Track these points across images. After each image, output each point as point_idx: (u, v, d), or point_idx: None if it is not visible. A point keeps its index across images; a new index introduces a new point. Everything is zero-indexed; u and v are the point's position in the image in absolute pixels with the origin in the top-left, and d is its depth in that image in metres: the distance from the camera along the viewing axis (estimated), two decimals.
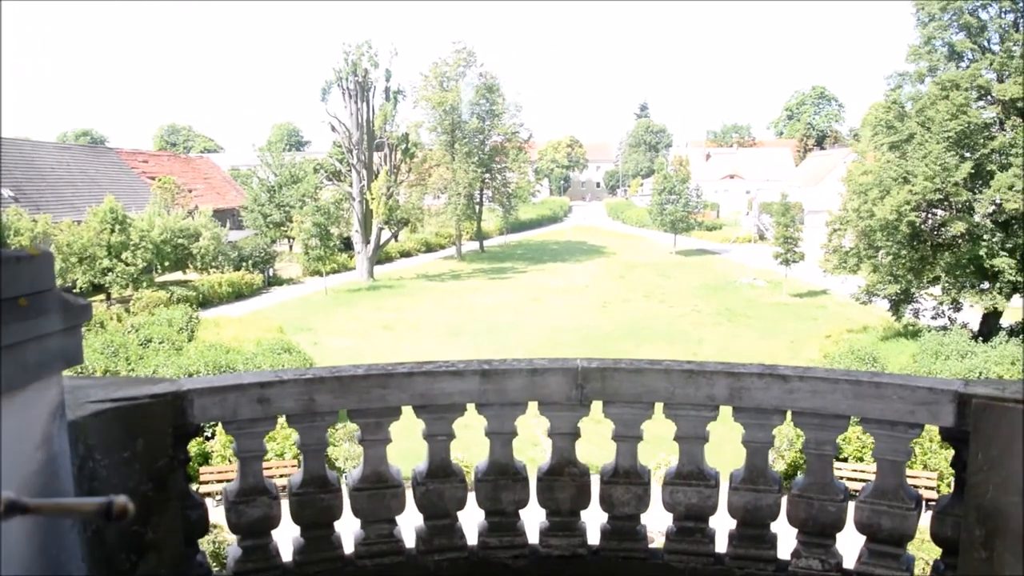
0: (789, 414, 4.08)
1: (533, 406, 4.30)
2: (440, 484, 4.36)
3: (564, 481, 4.38)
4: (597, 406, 4.29)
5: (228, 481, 4.73)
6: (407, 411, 4.28)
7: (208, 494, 17.60)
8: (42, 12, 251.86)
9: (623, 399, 4.21)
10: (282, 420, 4.29)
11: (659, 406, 4.24)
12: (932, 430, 4.00)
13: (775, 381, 4.01)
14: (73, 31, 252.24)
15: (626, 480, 4.36)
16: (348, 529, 4.43)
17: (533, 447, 18.19)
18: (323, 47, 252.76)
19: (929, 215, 34.51)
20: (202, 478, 19.78)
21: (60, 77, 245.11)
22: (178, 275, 51.00)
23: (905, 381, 3.87)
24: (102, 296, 44.07)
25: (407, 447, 5.30)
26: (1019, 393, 3.45)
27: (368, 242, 58.49)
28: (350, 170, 61.33)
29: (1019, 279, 31.69)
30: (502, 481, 4.37)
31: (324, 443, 4.32)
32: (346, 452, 21.18)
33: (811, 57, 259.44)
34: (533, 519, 4.51)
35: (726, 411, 4.18)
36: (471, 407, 4.28)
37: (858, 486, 18.26)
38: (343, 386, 4.12)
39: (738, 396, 4.06)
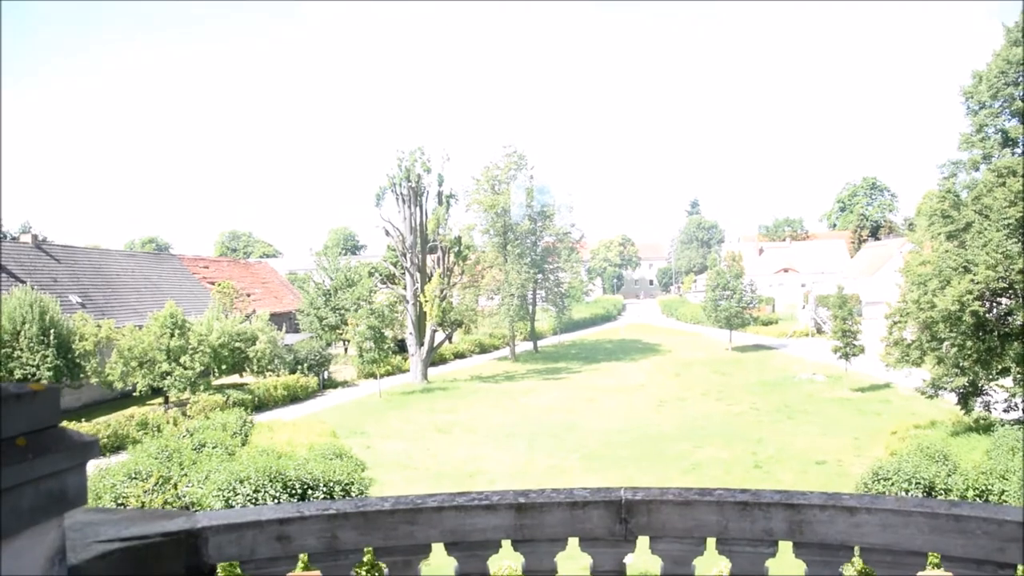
0: (857, 550, 3.68)
1: (573, 542, 3.97)
2: None
3: None
4: (643, 542, 3.94)
5: None
6: (438, 548, 3.98)
7: None
8: (117, 126, 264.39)
9: (671, 534, 3.85)
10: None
11: (711, 541, 3.87)
12: None
13: (839, 513, 3.62)
14: (143, 143, 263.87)
15: None
16: None
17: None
18: (379, 153, 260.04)
19: (994, 304, 33.43)
20: None
21: (130, 187, 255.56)
22: (235, 378, 51.53)
23: (990, 513, 3.45)
24: (160, 399, 44.64)
25: None
26: None
27: (422, 344, 58.64)
28: (404, 273, 62.00)
29: None
30: None
31: None
32: None
33: (861, 149, 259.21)
34: None
35: (786, 547, 3.80)
36: (507, 543, 3.96)
37: None
38: (368, 522, 3.83)
39: (799, 530, 3.68)
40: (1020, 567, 3.41)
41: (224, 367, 46.99)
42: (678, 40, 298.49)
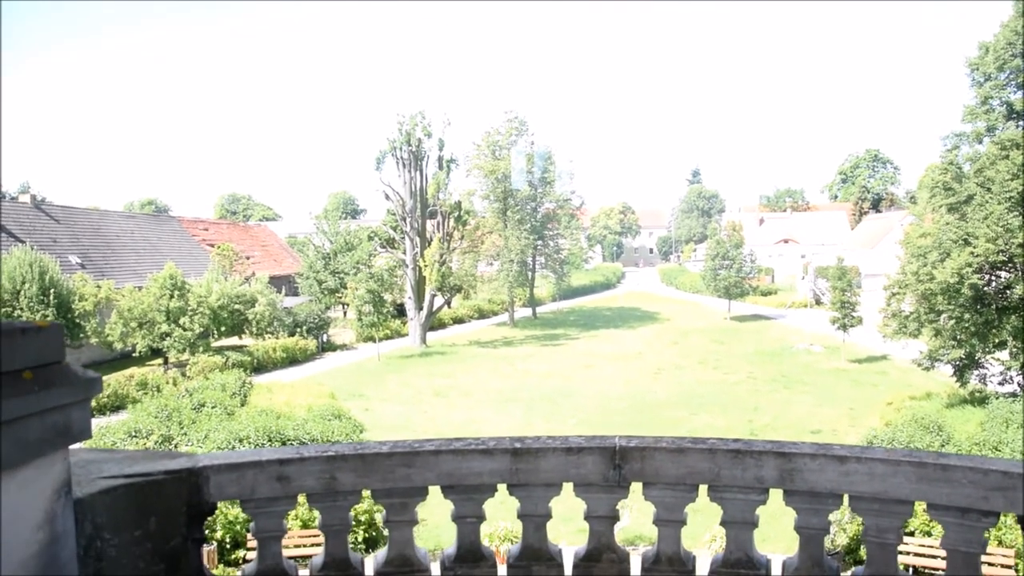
0: (846, 498, 3.75)
1: (568, 487, 4.04)
2: (470, 569, 4.10)
3: (602, 567, 4.08)
4: (637, 488, 4.00)
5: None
6: (435, 491, 4.05)
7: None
8: (117, 88, 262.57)
9: (664, 481, 3.92)
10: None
11: (703, 488, 3.94)
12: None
13: (830, 462, 3.69)
14: (143, 104, 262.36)
15: (669, 567, 4.04)
16: None
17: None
18: (379, 118, 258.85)
19: (992, 277, 33.47)
20: (250, 544, 19.51)
21: (130, 148, 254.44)
22: (234, 340, 51.67)
23: (976, 463, 3.52)
24: (160, 360, 44.79)
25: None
26: None
27: (421, 309, 58.73)
28: (403, 238, 61.97)
29: None
30: (536, 567, 4.09)
31: (347, 524, 4.09)
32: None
33: (864, 120, 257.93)
34: None
35: (776, 494, 3.86)
36: (502, 487, 4.03)
37: (925, 562, 17.39)
38: (366, 464, 3.90)
39: (789, 478, 3.75)
40: (1003, 514, 3.48)
41: (223, 329, 47.11)
42: (683, 7, 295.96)
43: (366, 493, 4.01)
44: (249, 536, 19.52)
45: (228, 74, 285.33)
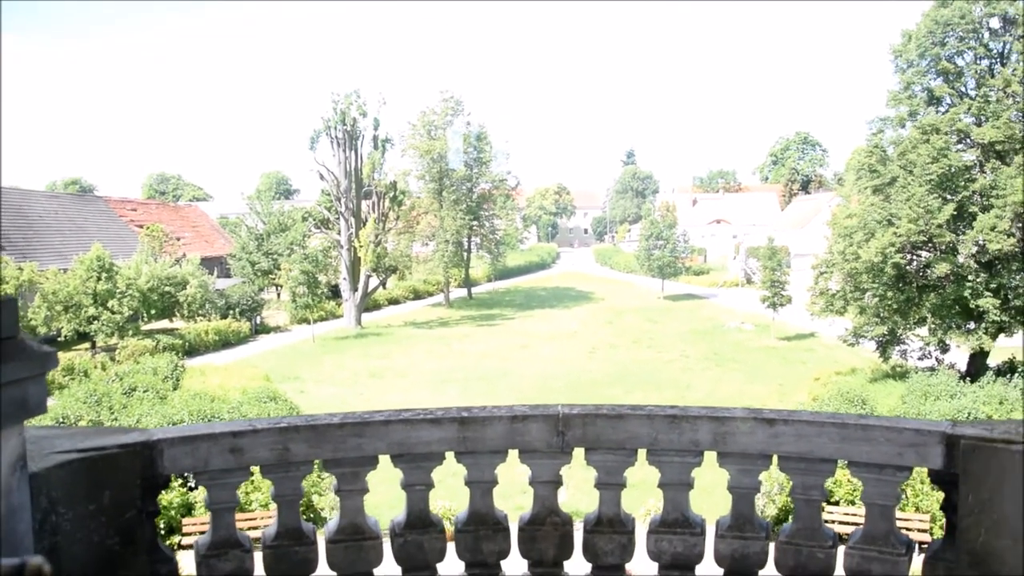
0: (775, 458, 4.00)
1: (514, 454, 4.21)
2: (419, 535, 4.24)
3: (546, 531, 4.27)
4: (579, 453, 4.19)
5: None
6: (385, 460, 4.17)
7: (192, 547, 17.19)
8: (34, 61, 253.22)
9: (605, 446, 4.12)
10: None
11: (642, 452, 4.15)
12: (923, 472, 3.91)
13: (760, 425, 3.93)
14: (65, 80, 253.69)
15: (610, 529, 4.25)
16: None
17: (522, 494, 17.89)
18: (313, 97, 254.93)
19: (914, 257, 34.68)
20: (185, 530, 19.40)
21: (51, 126, 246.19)
22: (165, 323, 50.65)
23: (892, 423, 3.80)
24: (87, 344, 43.71)
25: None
26: (1008, 433, 3.38)
27: (356, 290, 58.34)
28: (338, 218, 61.41)
29: (1004, 319, 31.77)
30: (483, 531, 4.26)
31: (299, 494, 4.20)
32: (331, 502, 20.85)
33: (794, 104, 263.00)
34: (515, 570, 4.38)
35: (711, 457, 4.09)
36: (450, 455, 4.18)
37: (850, 530, 18.10)
38: (318, 435, 4.01)
39: (722, 441, 3.98)
40: (915, 468, 3.76)
41: (153, 312, 46.20)
42: None
43: (318, 463, 4.13)
44: (185, 522, 19.45)
45: (155, 50, 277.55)
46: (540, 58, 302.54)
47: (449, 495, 15.17)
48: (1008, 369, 32.58)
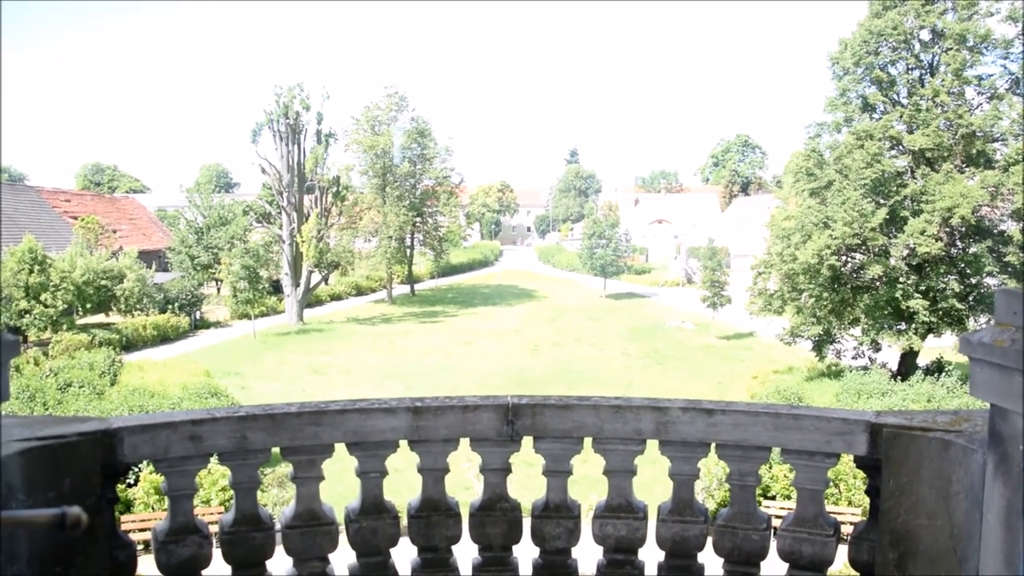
0: (713, 446, 4.23)
1: (465, 442, 4.37)
2: (373, 521, 4.38)
3: (496, 517, 4.44)
4: (528, 442, 4.37)
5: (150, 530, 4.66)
6: (340, 449, 4.30)
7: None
8: None
9: (553, 434, 4.31)
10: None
11: (588, 441, 4.34)
12: (850, 462, 4.18)
13: (699, 415, 4.15)
14: None
15: (557, 514, 4.44)
16: (280, 568, 4.41)
17: (465, 490, 18.06)
18: (254, 89, 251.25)
19: (848, 259, 35.66)
20: (124, 526, 19.15)
21: None
22: (100, 318, 49.58)
23: (821, 413, 4.06)
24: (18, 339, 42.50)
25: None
26: (926, 422, 3.65)
27: (298, 285, 57.83)
28: (280, 213, 60.79)
29: (932, 320, 32.87)
30: (435, 517, 4.41)
31: (257, 481, 4.31)
32: (275, 497, 20.76)
33: (735, 106, 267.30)
34: (466, 555, 4.54)
35: (653, 445, 4.30)
36: (404, 444, 4.33)
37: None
38: (276, 424, 4.13)
39: (664, 430, 4.19)
40: (842, 455, 4.03)
41: (89, 306, 45.19)
42: None
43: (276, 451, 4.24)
44: (124, 519, 19.21)
45: (90, 38, 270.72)
46: (485, 56, 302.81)
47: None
48: (936, 368, 33.76)
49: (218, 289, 66.34)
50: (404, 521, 4.45)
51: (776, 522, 4.23)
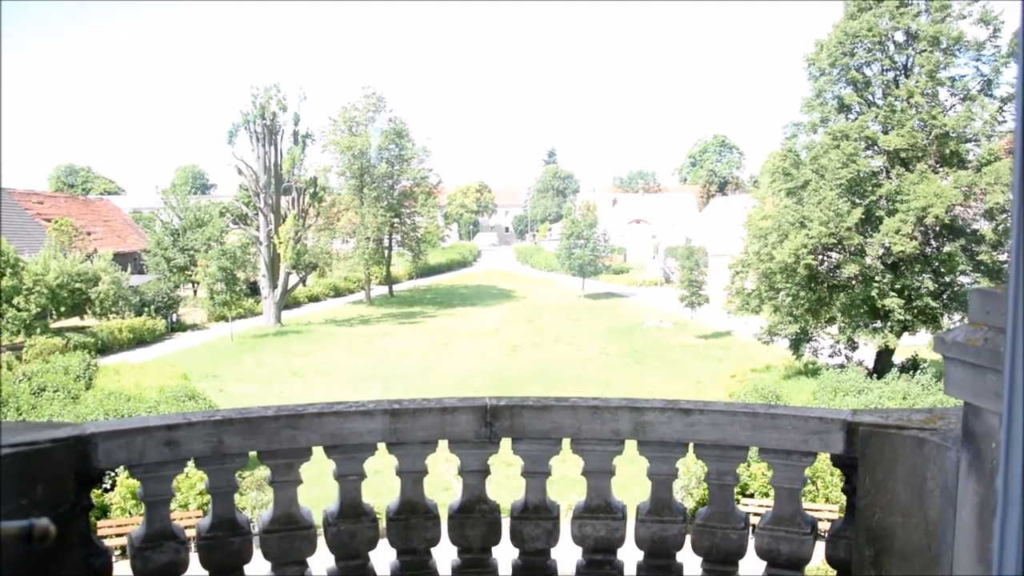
0: (691, 446, 4.25)
1: (443, 444, 4.36)
2: (352, 524, 4.36)
3: (475, 518, 4.44)
4: (506, 443, 4.37)
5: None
6: (318, 452, 4.28)
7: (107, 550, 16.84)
8: None
9: (531, 436, 4.31)
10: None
11: (567, 442, 4.35)
12: (827, 459, 4.21)
13: (677, 415, 4.17)
14: None
15: (536, 515, 4.44)
16: (259, 572, 4.38)
17: (445, 491, 18.00)
18: (231, 89, 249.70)
19: (825, 258, 35.95)
20: (100, 532, 18.95)
21: None
22: (75, 321, 49.12)
23: (798, 412, 4.08)
24: None
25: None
26: (901, 420, 3.68)
27: (275, 287, 57.51)
28: (257, 214, 60.47)
29: (907, 318, 33.21)
30: (413, 520, 4.40)
31: (234, 486, 4.28)
32: (254, 500, 20.63)
33: (713, 106, 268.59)
34: (445, 557, 4.54)
35: (632, 445, 4.32)
36: (382, 447, 4.32)
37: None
38: (253, 427, 4.10)
39: (642, 430, 4.20)
40: (819, 453, 4.06)
41: (63, 309, 44.80)
42: None
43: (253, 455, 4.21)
44: (100, 524, 19.02)
45: (63, 38, 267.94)
46: (463, 56, 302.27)
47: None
48: (911, 366, 34.08)
49: (195, 291, 65.85)
50: (383, 524, 4.42)
51: (754, 520, 4.26)
